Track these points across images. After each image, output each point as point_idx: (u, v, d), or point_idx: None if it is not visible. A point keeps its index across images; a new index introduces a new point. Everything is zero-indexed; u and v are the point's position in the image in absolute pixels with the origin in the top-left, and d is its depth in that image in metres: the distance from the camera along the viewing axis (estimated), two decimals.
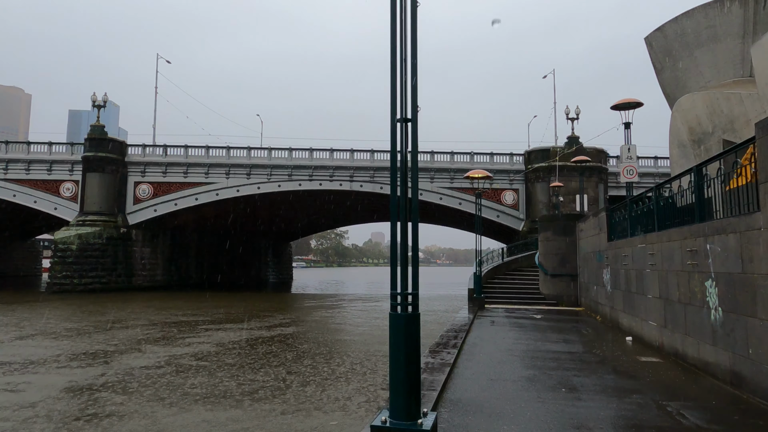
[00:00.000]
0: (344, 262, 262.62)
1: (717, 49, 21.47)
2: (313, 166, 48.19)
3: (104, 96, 46.43)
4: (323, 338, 18.97)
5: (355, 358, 14.97)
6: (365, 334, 20.34)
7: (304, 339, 18.33)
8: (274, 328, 21.34)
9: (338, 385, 11.86)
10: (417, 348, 4.44)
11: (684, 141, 20.82)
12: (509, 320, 16.64)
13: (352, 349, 16.71)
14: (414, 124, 4.72)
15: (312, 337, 19.13)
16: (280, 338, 18.32)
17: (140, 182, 47.72)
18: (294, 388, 11.58)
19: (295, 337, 18.55)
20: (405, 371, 4.30)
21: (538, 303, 22.58)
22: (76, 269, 42.09)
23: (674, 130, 21.15)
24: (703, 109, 19.87)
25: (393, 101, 4.69)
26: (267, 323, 22.87)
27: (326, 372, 13.16)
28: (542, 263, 23.31)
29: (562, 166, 45.98)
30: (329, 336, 19.43)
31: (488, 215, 48.05)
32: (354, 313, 31.26)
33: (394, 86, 4.64)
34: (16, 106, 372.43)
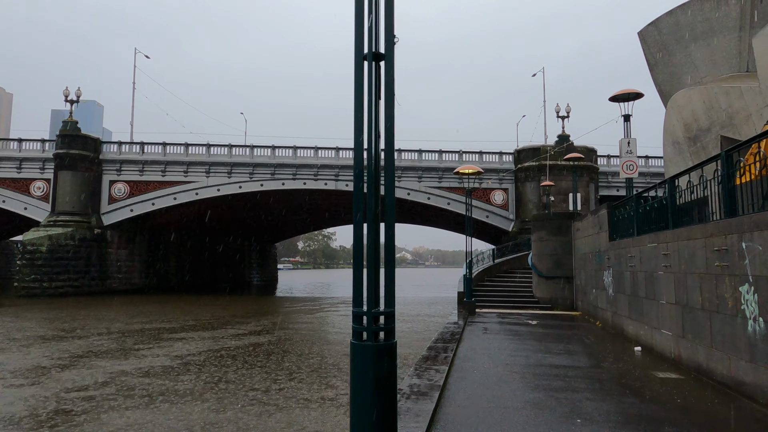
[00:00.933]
0: (332, 263, 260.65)
1: (713, 44, 20.41)
2: (297, 164, 46.57)
3: (77, 91, 44.36)
4: (299, 350, 17.35)
5: (339, 384, 13.03)
6: (347, 343, 18.81)
7: (276, 351, 16.66)
8: (245, 336, 19.70)
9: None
10: (392, 394, 2.95)
11: (679, 138, 19.69)
12: (503, 327, 15.28)
13: (332, 365, 15.08)
14: (389, 63, 3.28)
15: (287, 348, 17.50)
16: (249, 350, 16.61)
17: (116, 181, 45.70)
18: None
19: (267, 350, 16.81)
20: (374, 427, 2.85)
21: (532, 307, 21.27)
22: (45, 272, 39.99)
23: (669, 127, 20.03)
24: (700, 104, 18.76)
25: (359, 28, 3.24)
26: (239, 330, 21.24)
27: (297, 409, 10.34)
28: (536, 265, 22.03)
29: (553, 165, 44.94)
30: (306, 348, 17.80)
31: (477, 215, 46.81)
32: (336, 318, 29.74)
33: (360, 5, 3.18)
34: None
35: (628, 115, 18.62)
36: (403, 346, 17.08)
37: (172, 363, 14.17)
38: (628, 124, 18.67)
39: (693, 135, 19.16)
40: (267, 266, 79.33)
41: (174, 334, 19.54)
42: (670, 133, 19.83)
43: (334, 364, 15.12)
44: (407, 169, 46.99)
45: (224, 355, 15.63)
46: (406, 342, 18.15)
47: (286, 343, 18.64)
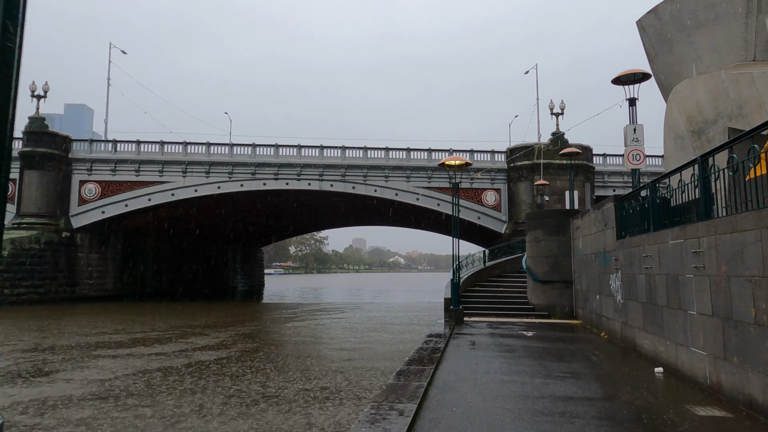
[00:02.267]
0: (324, 268, 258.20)
1: (717, 31, 18.53)
2: (278, 164, 44.26)
3: (45, 85, 41.82)
4: (262, 366, 15.01)
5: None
6: (322, 357, 16.50)
7: (233, 373, 14.28)
8: (204, 350, 17.37)
9: None
10: None
11: (681, 132, 17.74)
12: (494, 340, 13.07)
13: (297, 390, 12.65)
14: None
15: (250, 365, 15.14)
16: (191, 370, 14.25)
17: (86, 181, 43.16)
18: None
19: (219, 370, 14.38)
20: None
21: (527, 315, 19.10)
22: (7, 278, 37.31)
23: (670, 121, 18.12)
24: (705, 94, 16.85)
25: None
26: (200, 343, 18.89)
27: None
28: (530, 268, 19.88)
29: (547, 164, 42.96)
30: (271, 363, 15.47)
31: (468, 217, 44.72)
32: (316, 326, 27.43)
33: None
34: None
35: (633, 99, 16.58)
36: (369, 370, 14.82)
37: (81, 390, 11.70)
38: (634, 108, 16.62)
39: (697, 128, 17.25)
40: (252, 271, 76.77)
41: (114, 349, 17.08)
42: (671, 128, 17.92)
43: (292, 390, 12.78)
44: (395, 169, 44.86)
45: (156, 377, 13.17)
46: (375, 362, 15.81)
47: (246, 360, 16.30)
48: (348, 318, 31.88)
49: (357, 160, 44.90)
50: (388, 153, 45.38)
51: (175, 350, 16.98)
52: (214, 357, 15.92)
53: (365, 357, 16.71)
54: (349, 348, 18.50)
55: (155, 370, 13.79)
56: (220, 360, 15.48)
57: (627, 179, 45.59)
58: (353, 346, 19.09)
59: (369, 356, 16.79)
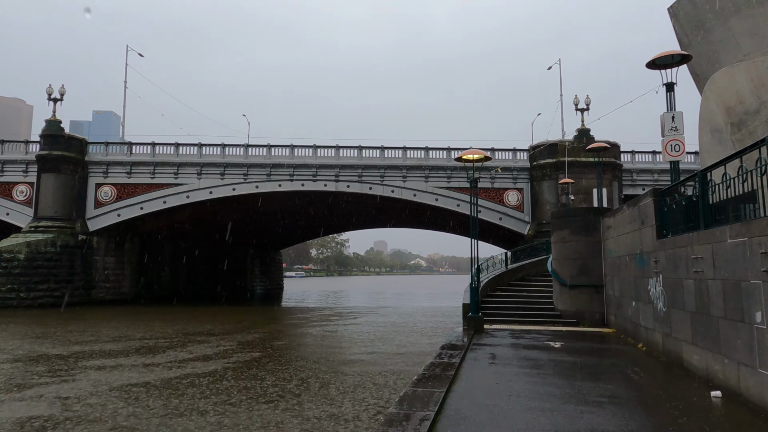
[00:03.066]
0: (345, 271, 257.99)
1: (758, 15, 16.74)
2: (294, 164, 43.35)
3: (61, 88, 41.75)
4: (247, 386, 13.52)
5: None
6: (318, 375, 15.04)
7: (222, 389, 13.04)
8: (198, 362, 16.17)
9: None
10: None
11: (719, 125, 16.01)
12: (517, 353, 11.65)
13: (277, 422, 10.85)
14: None
15: (236, 385, 13.69)
16: (187, 386, 13.12)
17: (102, 184, 42.94)
18: None
19: (207, 388, 13.15)
20: None
21: (553, 322, 17.56)
22: (23, 282, 37.18)
23: (706, 113, 16.39)
24: (746, 82, 15.10)
25: None
26: (197, 353, 17.70)
27: None
28: (556, 271, 18.33)
29: (572, 162, 41.11)
30: (258, 382, 14.10)
31: (490, 218, 43.11)
32: (324, 335, 26.24)
33: None
34: (18, 118, 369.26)
35: (671, 84, 14.98)
36: (373, 386, 13.42)
37: (41, 410, 10.53)
38: (672, 94, 15.03)
39: (737, 120, 15.52)
40: (270, 274, 76.22)
41: (105, 359, 15.95)
42: (707, 121, 16.23)
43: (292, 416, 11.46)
44: (413, 168, 43.52)
45: (133, 395, 11.88)
46: (380, 379, 14.31)
47: (236, 377, 15.06)
48: (360, 324, 30.62)
49: (374, 160, 43.73)
50: (406, 152, 44.08)
51: (168, 360, 15.93)
52: (207, 369, 14.70)
53: (369, 372, 15.29)
54: (355, 360, 17.10)
55: (137, 386, 12.65)
56: (210, 375, 14.27)
57: (658, 177, 43.39)
58: (359, 357, 17.73)
59: (374, 372, 15.35)
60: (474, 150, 15.99)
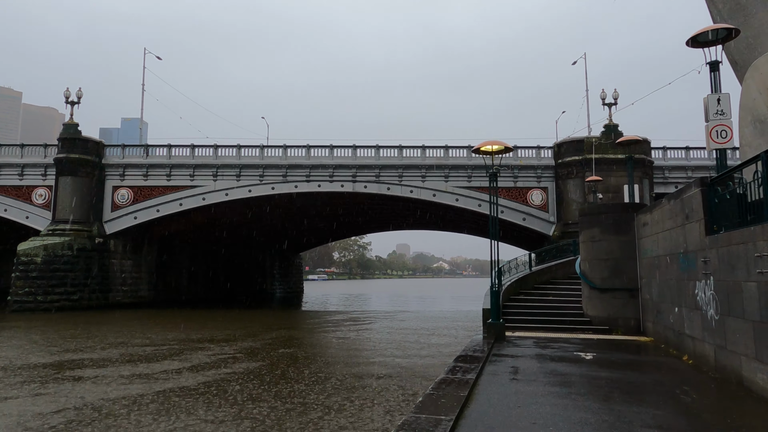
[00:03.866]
0: (367, 274, 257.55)
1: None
2: (310, 165, 42.41)
3: (78, 91, 41.72)
4: (235, 400, 12.16)
5: None
6: (316, 395, 13.55)
7: (195, 407, 11.79)
8: (192, 372, 15.03)
9: None
10: None
11: (763, 115, 14.26)
12: (542, 366, 10.21)
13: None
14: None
15: (225, 399, 12.45)
16: (172, 399, 11.96)
17: (119, 187, 42.74)
18: None
19: (191, 403, 11.89)
20: None
21: (582, 329, 16.00)
22: (40, 285, 37.06)
23: (747, 102, 14.63)
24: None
25: None
26: (194, 361, 16.57)
27: None
28: (585, 273, 16.76)
29: (600, 159, 39.13)
30: (249, 400, 12.77)
31: (512, 218, 41.41)
32: (336, 341, 25.03)
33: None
34: (50, 126, 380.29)
35: (715, 63, 13.30)
36: (371, 409, 11.96)
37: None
38: (717, 74, 13.34)
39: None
40: (290, 277, 75.60)
41: (95, 368, 14.88)
42: (749, 110, 14.50)
43: None
44: (432, 168, 42.12)
45: (111, 411, 10.79)
46: (381, 400, 12.64)
47: (242, 382, 13.95)
48: (375, 330, 29.30)
49: (391, 159, 42.50)
50: (425, 151, 42.72)
51: (162, 370, 14.86)
52: (198, 381, 13.53)
53: (372, 389, 13.83)
54: (361, 373, 15.62)
55: (117, 400, 11.54)
56: (199, 388, 13.14)
57: (692, 174, 41.02)
58: (366, 370, 16.28)
59: (378, 388, 13.89)
60: (493, 141, 14.60)
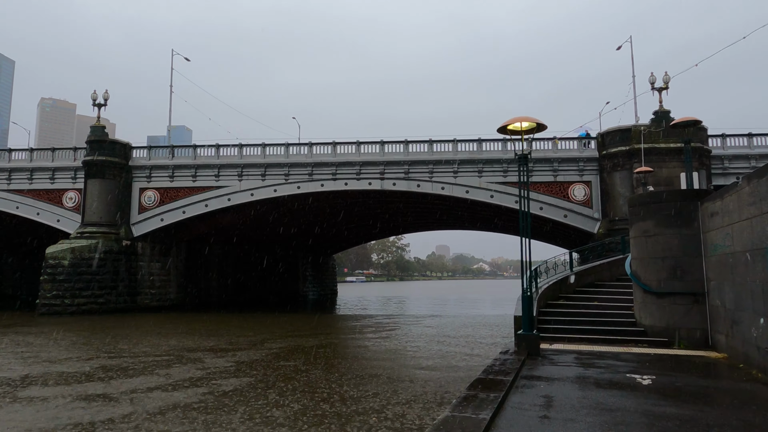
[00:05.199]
0: (406, 275, 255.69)
1: None
2: (336, 162, 40.73)
3: (105, 94, 41.64)
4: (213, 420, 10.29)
5: None
6: (319, 417, 11.38)
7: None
8: (176, 389, 13.37)
9: None
10: None
11: None
12: (585, 396, 7.87)
13: None
14: None
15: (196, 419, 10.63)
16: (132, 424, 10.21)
17: (146, 188, 42.34)
18: None
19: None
20: None
21: (634, 342, 13.42)
22: (67, 288, 36.86)
23: None
24: None
25: None
26: (185, 375, 14.95)
27: None
28: (638, 274, 14.14)
29: (650, 149, 35.70)
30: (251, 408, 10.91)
31: (552, 215, 38.44)
32: (347, 353, 22.99)
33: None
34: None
35: None
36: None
37: None
38: None
39: None
40: (323, 279, 74.40)
41: (65, 385, 13.43)
42: None
43: None
44: (465, 163, 39.64)
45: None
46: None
47: (198, 414, 12.09)
48: (397, 338, 27.07)
49: (421, 155, 40.29)
50: (457, 146, 40.28)
51: (149, 386, 13.24)
52: (176, 401, 11.73)
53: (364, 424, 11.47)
54: (359, 396, 13.27)
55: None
56: (176, 407, 11.37)
57: (755, 164, 36.90)
58: (371, 389, 14.01)
59: (370, 425, 11.60)
60: (523, 117, 12.26)
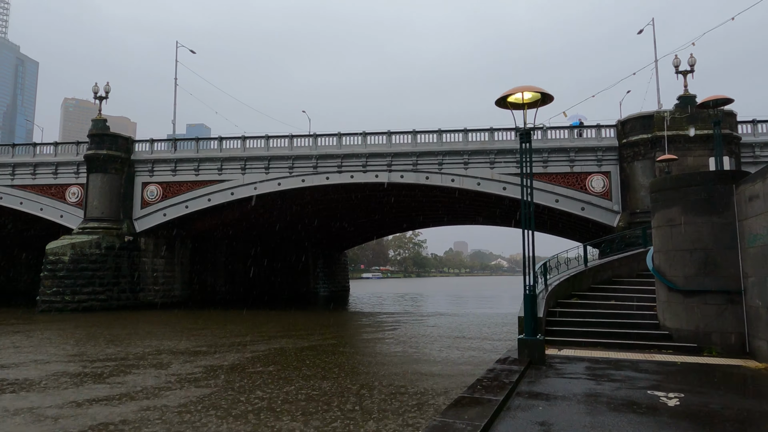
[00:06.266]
0: (423, 272, 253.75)
1: None
2: (341, 155, 39.21)
3: (106, 86, 40.74)
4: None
5: None
6: None
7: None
8: (144, 398, 12.10)
9: None
10: None
11: None
12: (595, 421, 6.19)
13: None
14: None
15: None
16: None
17: (148, 183, 41.41)
18: None
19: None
20: None
21: (659, 347, 11.64)
22: (68, 285, 36.08)
23: None
24: None
25: None
26: (149, 383, 13.67)
27: None
28: (661, 269, 12.31)
29: (673, 136, 33.43)
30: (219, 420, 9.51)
31: (569, 208, 36.39)
32: (339, 359, 21.42)
33: None
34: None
35: None
36: None
37: None
38: None
39: None
40: (335, 275, 73.10)
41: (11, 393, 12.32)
42: None
43: None
44: (476, 153, 37.78)
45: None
46: None
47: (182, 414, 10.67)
48: (394, 339, 25.38)
49: (430, 145, 38.54)
50: (467, 135, 38.42)
51: (117, 394, 11.91)
52: (123, 416, 10.31)
53: None
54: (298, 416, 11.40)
55: None
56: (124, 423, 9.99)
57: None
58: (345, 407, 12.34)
59: None
60: (526, 87, 10.52)
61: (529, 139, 10.93)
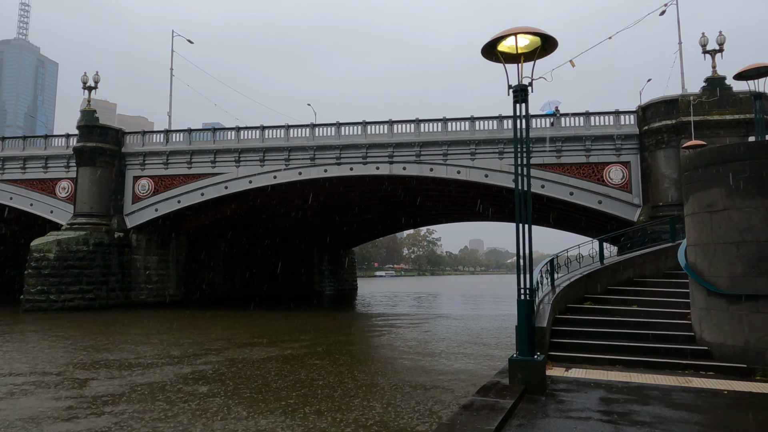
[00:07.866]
0: (437, 270, 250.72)
1: None
2: (341, 145, 36.90)
3: (95, 76, 38.98)
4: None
5: None
6: None
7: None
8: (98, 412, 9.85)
9: None
10: None
11: None
12: None
13: None
14: None
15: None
16: None
17: (140, 177, 39.59)
18: None
19: None
20: None
21: (694, 367, 9.07)
22: (53, 283, 34.41)
23: None
24: None
25: None
26: (108, 392, 11.52)
27: None
28: (697, 267, 9.72)
29: (700, 122, 30.47)
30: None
31: (585, 201, 33.62)
32: (326, 369, 19.07)
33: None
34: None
35: None
36: None
37: None
38: None
39: None
40: (341, 274, 70.93)
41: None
42: None
43: None
44: (483, 143, 35.17)
45: None
46: None
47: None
48: (384, 345, 23.04)
49: (435, 135, 36.02)
50: (474, 124, 35.80)
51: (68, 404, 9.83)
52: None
53: None
54: None
55: None
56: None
57: None
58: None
59: None
60: (521, 28, 8.02)
61: (525, 98, 8.44)
